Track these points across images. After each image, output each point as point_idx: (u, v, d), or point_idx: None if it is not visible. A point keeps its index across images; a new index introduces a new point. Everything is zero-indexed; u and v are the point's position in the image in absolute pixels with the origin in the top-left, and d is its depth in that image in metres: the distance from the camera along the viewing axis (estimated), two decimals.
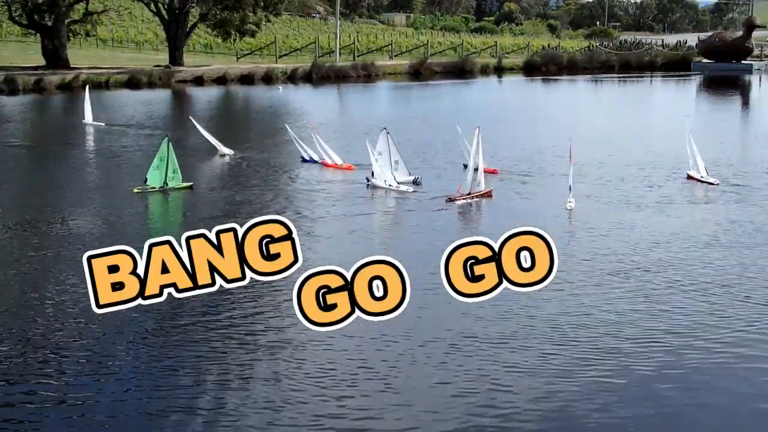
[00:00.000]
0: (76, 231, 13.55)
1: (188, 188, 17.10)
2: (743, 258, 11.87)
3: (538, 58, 60.77)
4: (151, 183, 16.67)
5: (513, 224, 6.06)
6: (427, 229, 13.75)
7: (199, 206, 15.99)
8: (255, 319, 9.43)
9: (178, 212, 15.95)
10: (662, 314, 9.57)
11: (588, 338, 8.84)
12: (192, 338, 8.81)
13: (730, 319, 9.44)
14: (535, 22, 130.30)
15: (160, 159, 16.73)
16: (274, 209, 14.82)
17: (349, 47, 65.84)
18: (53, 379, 7.80)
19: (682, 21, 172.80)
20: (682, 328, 9.13)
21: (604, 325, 9.18)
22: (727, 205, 15.45)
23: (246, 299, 9.91)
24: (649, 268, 11.33)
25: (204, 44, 69.75)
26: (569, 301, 9.98)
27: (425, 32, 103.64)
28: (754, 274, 11.15)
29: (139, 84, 44.00)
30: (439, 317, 9.23)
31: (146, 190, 16.62)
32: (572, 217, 14.48)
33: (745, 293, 10.33)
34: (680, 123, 19.67)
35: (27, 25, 51.41)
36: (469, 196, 15.93)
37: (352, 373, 7.99)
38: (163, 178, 16.74)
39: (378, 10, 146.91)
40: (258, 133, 26.95)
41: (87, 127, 26.72)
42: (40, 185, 17.82)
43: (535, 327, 9.14)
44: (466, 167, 16.90)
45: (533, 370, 8.04)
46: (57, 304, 9.84)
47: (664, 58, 62.56)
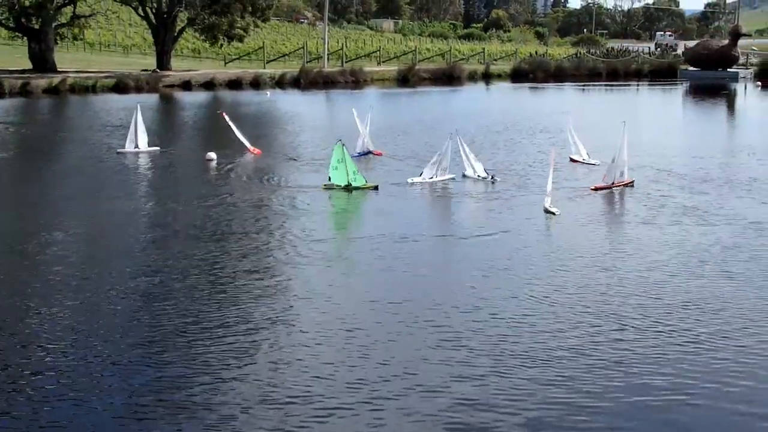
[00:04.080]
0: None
1: (374, 188, 16.90)
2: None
3: (526, 65, 60.96)
4: (336, 181, 16.59)
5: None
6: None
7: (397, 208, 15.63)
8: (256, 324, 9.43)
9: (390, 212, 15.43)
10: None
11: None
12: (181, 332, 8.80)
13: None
14: (522, 29, 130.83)
15: (338, 161, 16.67)
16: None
17: (338, 53, 65.92)
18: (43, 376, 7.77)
19: (668, 29, 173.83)
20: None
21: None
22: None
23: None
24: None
25: (192, 49, 69.73)
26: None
27: (413, 38, 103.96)
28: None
29: (126, 88, 43.88)
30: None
31: (332, 187, 16.61)
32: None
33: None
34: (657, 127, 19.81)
35: (14, 28, 51.22)
36: (612, 186, 17.03)
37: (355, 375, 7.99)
38: (346, 178, 16.69)
39: (366, 16, 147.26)
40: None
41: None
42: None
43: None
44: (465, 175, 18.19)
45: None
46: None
47: (651, 65, 62.97)
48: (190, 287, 10.51)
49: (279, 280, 10.95)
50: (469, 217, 15.26)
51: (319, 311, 9.70)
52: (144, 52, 68.39)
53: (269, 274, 11.24)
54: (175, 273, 11.11)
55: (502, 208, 15.56)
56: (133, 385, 7.68)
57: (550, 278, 10.96)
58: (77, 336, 8.87)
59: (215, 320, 9.32)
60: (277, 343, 8.72)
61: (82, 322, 9.25)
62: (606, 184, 17.09)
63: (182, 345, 8.65)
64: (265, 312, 9.65)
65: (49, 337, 8.80)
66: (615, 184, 17.15)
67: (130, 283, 10.71)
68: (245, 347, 8.56)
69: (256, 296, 10.25)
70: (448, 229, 14.13)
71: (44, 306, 9.76)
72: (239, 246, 12.57)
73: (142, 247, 12.72)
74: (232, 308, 9.74)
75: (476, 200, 16.49)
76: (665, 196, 16.55)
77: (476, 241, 13.01)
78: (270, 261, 11.88)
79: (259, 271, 11.35)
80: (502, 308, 9.76)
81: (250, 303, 9.98)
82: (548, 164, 16.12)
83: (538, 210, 14.97)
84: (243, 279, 10.94)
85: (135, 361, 8.20)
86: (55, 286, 10.55)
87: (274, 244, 12.78)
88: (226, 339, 8.78)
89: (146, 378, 7.84)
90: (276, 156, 22.00)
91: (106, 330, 9.02)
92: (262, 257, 12.04)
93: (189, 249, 12.31)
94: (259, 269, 11.42)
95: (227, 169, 19.79)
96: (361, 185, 16.79)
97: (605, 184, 17.11)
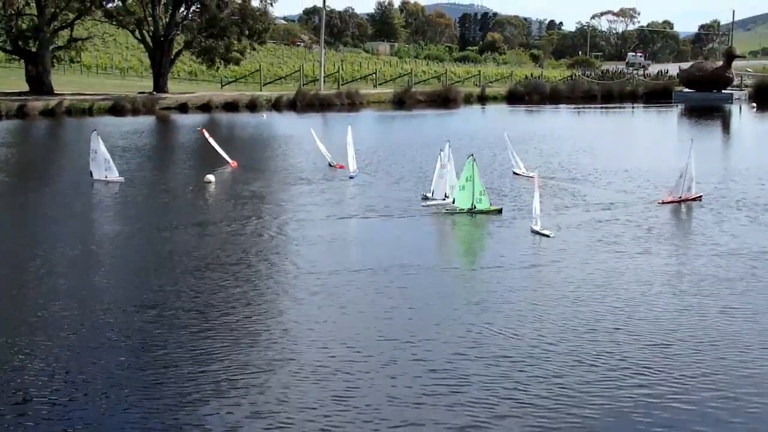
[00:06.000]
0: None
1: (497, 212, 16.09)
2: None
3: (522, 88, 61.21)
4: (459, 205, 15.58)
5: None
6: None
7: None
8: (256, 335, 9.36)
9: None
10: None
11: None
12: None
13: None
14: (518, 52, 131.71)
15: (466, 179, 15.74)
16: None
17: (334, 75, 66.23)
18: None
19: (663, 51, 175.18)
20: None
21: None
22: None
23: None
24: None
25: (189, 71, 70.01)
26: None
27: (409, 61, 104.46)
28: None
29: (123, 110, 43.98)
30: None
31: (454, 211, 15.78)
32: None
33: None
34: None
35: (11, 50, 51.40)
36: (680, 200, 17.52)
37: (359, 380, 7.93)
38: (471, 200, 15.78)
39: (362, 39, 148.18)
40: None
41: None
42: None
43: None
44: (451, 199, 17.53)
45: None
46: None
47: (646, 87, 63.23)
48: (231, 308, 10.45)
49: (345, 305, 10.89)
50: (465, 245, 15.20)
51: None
52: (141, 74, 68.63)
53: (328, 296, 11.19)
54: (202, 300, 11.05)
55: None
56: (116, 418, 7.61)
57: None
58: (65, 366, 8.79)
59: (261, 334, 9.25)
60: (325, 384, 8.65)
61: (70, 350, 9.17)
62: (674, 198, 17.65)
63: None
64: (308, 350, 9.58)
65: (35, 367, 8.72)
66: (683, 199, 17.70)
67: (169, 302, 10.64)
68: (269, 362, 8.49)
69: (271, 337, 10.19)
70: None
71: (29, 335, 9.68)
72: (245, 275, 12.51)
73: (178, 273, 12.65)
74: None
75: (459, 229, 16.34)
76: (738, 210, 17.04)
77: (522, 273, 12.93)
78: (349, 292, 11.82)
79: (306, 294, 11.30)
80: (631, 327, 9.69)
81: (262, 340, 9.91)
82: (532, 188, 16.06)
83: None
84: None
85: (120, 399, 8.11)
86: (38, 314, 10.47)
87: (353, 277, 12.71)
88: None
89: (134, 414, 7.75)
90: (274, 175, 22.07)
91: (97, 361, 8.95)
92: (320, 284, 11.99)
93: (194, 278, 12.26)
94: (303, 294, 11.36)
95: (225, 191, 19.80)
96: (484, 209, 15.97)
97: (673, 198, 17.67)
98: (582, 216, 16.50)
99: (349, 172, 21.67)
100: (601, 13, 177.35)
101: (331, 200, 18.48)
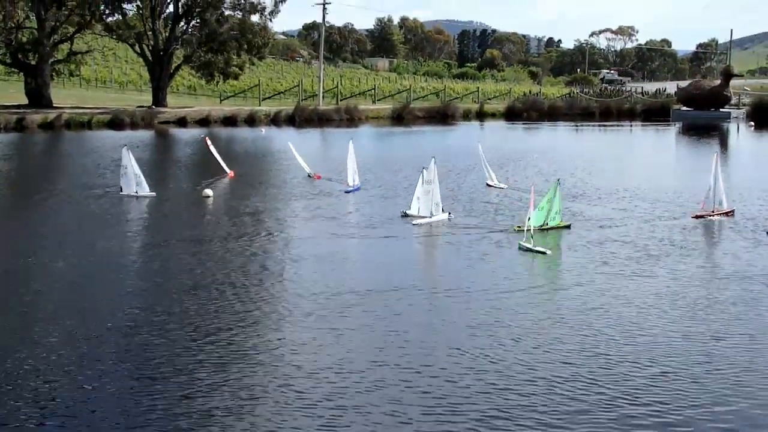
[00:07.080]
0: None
1: (566, 227, 16.90)
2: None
3: (520, 104, 61.39)
4: (534, 224, 15.87)
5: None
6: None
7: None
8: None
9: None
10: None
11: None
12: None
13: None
14: (516, 69, 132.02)
15: (547, 201, 16.60)
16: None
17: (333, 91, 66.38)
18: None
19: (661, 69, 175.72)
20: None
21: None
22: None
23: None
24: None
25: (188, 86, 70.13)
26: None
27: (408, 77, 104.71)
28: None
29: (121, 124, 44.01)
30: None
31: (524, 228, 15.97)
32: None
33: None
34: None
35: (11, 64, 51.49)
36: (713, 214, 17.82)
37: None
38: (545, 218, 16.59)
39: (361, 55, 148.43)
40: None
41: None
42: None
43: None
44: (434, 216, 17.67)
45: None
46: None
47: (644, 105, 63.42)
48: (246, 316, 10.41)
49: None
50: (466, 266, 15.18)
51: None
52: (140, 88, 68.72)
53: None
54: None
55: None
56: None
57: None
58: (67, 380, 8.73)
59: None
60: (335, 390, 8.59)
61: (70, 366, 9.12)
62: (706, 212, 17.93)
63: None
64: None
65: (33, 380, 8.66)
66: (715, 213, 17.92)
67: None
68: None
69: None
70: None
71: (21, 347, 9.63)
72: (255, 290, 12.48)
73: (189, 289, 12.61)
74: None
75: (451, 243, 16.33)
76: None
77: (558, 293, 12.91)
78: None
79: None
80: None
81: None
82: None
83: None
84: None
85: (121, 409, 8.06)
86: (37, 326, 10.42)
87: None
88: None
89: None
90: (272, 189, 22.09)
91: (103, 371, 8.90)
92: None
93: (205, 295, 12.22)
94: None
95: (222, 204, 19.80)
96: (555, 225, 16.79)
97: (705, 212, 17.94)
98: (620, 230, 16.83)
99: (349, 186, 22.16)
100: (599, 31, 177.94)
101: (335, 216, 18.43)
